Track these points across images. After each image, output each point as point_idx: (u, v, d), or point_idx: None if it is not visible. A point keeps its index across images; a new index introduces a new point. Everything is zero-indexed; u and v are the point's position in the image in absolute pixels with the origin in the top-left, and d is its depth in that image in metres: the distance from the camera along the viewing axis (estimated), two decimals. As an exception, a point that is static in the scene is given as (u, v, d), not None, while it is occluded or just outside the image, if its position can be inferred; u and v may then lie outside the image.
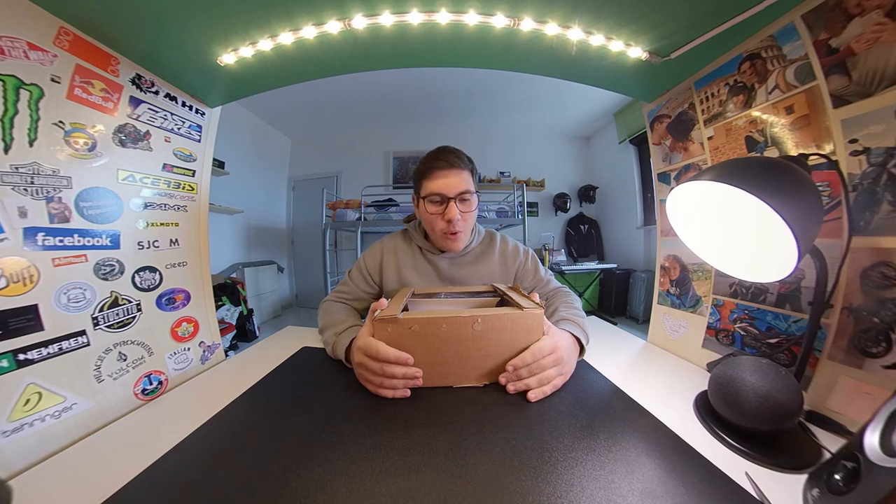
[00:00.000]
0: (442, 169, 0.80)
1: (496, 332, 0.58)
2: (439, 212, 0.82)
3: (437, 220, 0.83)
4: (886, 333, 0.46)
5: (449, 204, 0.80)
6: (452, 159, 0.80)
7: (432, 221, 0.84)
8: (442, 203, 0.81)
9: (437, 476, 0.40)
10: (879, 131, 0.47)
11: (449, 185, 0.80)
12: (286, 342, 0.89)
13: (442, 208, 0.81)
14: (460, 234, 0.84)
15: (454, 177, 0.80)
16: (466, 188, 0.81)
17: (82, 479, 0.42)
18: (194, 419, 0.53)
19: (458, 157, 0.82)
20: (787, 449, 0.44)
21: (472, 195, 0.83)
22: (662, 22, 0.63)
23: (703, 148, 0.77)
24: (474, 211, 0.85)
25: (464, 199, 0.81)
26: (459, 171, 0.80)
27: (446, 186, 0.80)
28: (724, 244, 0.55)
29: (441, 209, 0.81)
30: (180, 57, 0.68)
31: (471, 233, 0.92)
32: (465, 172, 0.81)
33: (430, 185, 0.81)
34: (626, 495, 0.37)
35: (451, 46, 0.74)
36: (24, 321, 0.50)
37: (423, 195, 0.83)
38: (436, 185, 0.80)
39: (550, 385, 0.58)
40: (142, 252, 0.69)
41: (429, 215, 0.83)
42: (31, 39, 0.51)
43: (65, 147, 0.56)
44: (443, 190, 0.80)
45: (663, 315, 0.90)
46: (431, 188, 0.81)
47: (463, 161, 0.82)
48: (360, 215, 3.35)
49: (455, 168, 0.80)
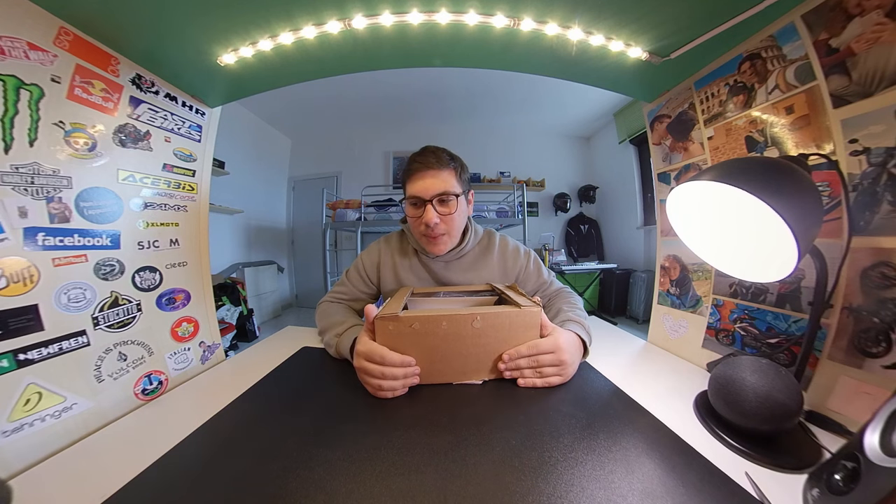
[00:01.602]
0: (418, 171, 0.77)
1: (495, 329, 0.59)
2: (418, 215, 0.79)
3: (416, 223, 0.80)
4: (886, 333, 0.46)
5: (426, 207, 0.77)
6: (430, 159, 0.76)
7: (413, 224, 0.83)
8: (420, 206, 0.78)
9: (437, 476, 0.40)
10: (879, 131, 0.47)
11: (425, 187, 0.76)
12: (286, 342, 0.89)
13: (420, 211, 0.78)
14: (441, 238, 0.81)
15: (430, 178, 0.76)
16: (445, 189, 0.76)
17: (82, 479, 0.42)
18: (194, 419, 0.53)
19: (436, 156, 0.77)
20: (787, 449, 0.44)
21: (456, 196, 0.78)
22: (662, 22, 0.63)
23: (703, 148, 0.77)
24: (458, 213, 0.80)
25: (443, 201, 0.77)
26: (437, 172, 0.76)
27: (422, 189, 0.76)
28: (724, 244, 0.55)
29: (419, 212, 0.78)
30: (180, 57, 0.68)
31: (460, 235, 0.88)
32: (444, 172, 0.77)
33: (409, 187, 0.79)
34: (626, 495, 0.37)
35: (451, 46, 0.74)
36: (24, 321, 0.50)
37: (406, 197, 0.82)
38: (413, 188, 0.78)
39: (543, 379, 0.59)
40: (142, 252, 0.69)
41: (410, 217, 0.82)
42: (32, 39, 0.51)
43: (65, 147, 0.56)
44: (419, 192, 0.77)
45: (663, 315, 0.90)
46: (410, 190, 0.79)
47: (442, 160, 0.77)
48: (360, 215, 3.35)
49: (432, 169, 0.76)
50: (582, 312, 0.79)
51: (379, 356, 0.56)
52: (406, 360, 0.56)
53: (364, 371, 0.58)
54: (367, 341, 0.58)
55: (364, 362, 0.58)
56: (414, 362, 0.57)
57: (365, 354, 0.58)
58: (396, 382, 0.57)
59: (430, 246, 0.84)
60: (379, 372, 0.56)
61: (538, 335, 0.62)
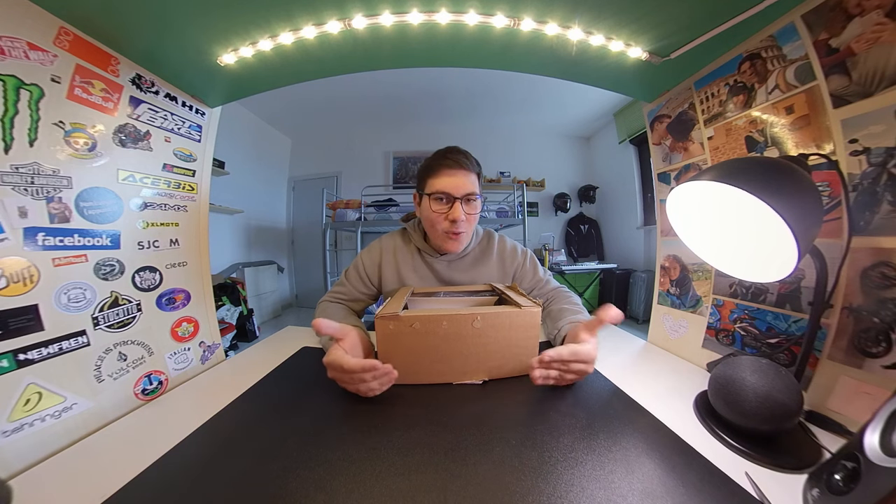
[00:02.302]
0: (451, 168, 0.79)
1: (495, 329, 0.59)
2: (443, 210, 0.80)
3: (440, 219, 0.81)
4: (886, 333, 0.46)
5: (455, 204, 0.79)
6: (462, 160, 0.80)
7: (435, 220, 0.82)
8: (447, 202, 0.80)
9: (437, 476, 0.40)
10: (879, 131, 0.47)
11: (456, 184, 0.79)
12: (286, 342, 0.89)
13: (447, 207, 0.80)
14: (462, 236, 0.84)
15: (462, 177, 0.80)
16: (473, 190, 0.81)
17: (82, 479, 0.42)
18: (194, 419, 0.53)
19: (467, 158, 0.82)
20: (787, 449, 0.44)
21: (478, 198, 0.83)
22: (662, 22, 0.63)
23: (703, 148, 0.77)
24: (477, 214, 0.85)
25: (469, 201, 0.81)
26: (468, 173, 0.80)
27: (453, 186, 0.79)
28: (724, 244, 0.55)
29: (446, 208, 0.80)
30: (180, 57, 0.68)
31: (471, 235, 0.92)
32: (472, 175, 0.82)
33: (437, 182, 0.80)
34: (626, 495, 0.37)
35: (451, 46, 0.74)
36: (24, 321, 0.50)
37: (427, 192, 0.82)
38: (442, 184, 0.79)
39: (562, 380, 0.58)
40: (142, 252, 0.69)
41: (431, 213, 0.82)
42: (32, 39, 0.51)
43: (65, 147, 0.56)
44: (449, 189, 0.79)
45: (663, 315, 0.90)
46: (438, 186, 0.80)
47: (472, 163, 0.82)
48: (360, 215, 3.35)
49: (464, 169, 0.80)
50: (587, 314, 0.79)
51: (338, 365, 0.55)
52: (366, 366, 0.54)
53: (335, 379, 0.57)
54: (332, 351, 0.57)
55: (331, 372, 0.57)
56: (378, 364, 0.54)
57: (328, 365, 0.57)
58: (373, 384, 0.55)
59: (450, 244, 0.85)
60: (347, 378, 0.55)
61: (538, 335, 0.62)
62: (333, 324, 0.58)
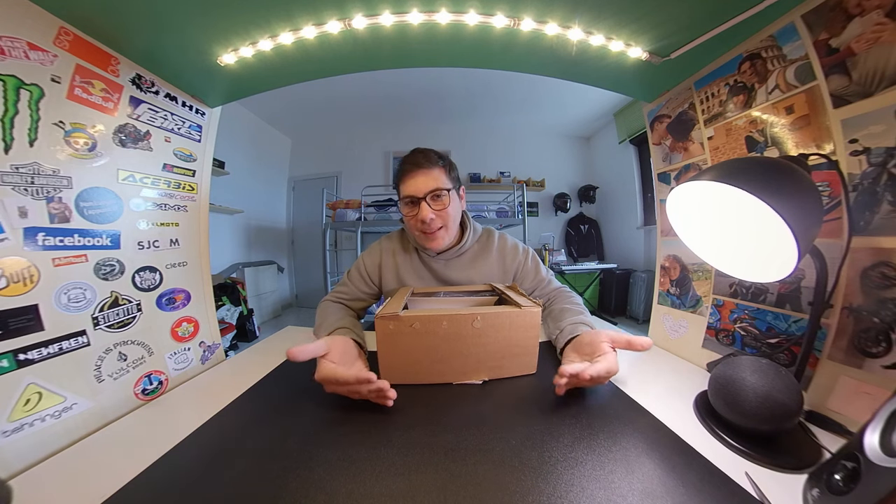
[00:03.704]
0: (409, 171, 0.81)
1: (495, 329, 0.59)
2: (413, 213, 0.82)
3: (414, 221, 0.83)
4: (886, 333, 0.46)
5: (420, 204, 0.80)
6: (419, 159, 0.81)
7: (409, 223, 0.86)
8: (415, 204, 0.82)
9: (437, 476, 0.40)
10: (879, 131, 0.47)
11: (417, 185, 0.80)
12: (286, 342, 0.89)
13: (415, 209, 0.82)
14: (438, 233, 0.84)
15: (422, 176, 0.80)
16: (437, 185, 0.80)
17: (82, 479, 0.42)
18: (194, 419, 0.53)
19: (425, 156, 0.82)
20: (787, 449, 0.44)
21: (447, 192, 0.82)
22: (662, 22, 0.63)
23: (703, 148, 0.77)
24: (451, 207, 0.83)
25: (436, 197, 0.81)
26: (428, 171, 0.80)
27: (414, 188, 0.80)
28: (724, 244, 0.55)
29: (415, 210, 0.82)
30: (180, 57, 0.68)
31: (457, 230, 0.91)
32: (434, 170, 0.81)
33: (403, 188, 0.83)
34: (626, 495, 0.37)
35: (451, 46, 0.74)
36: (24, 321, 0.50)
37: (399, 198, 0.85)
38: (405, 188, 0.82)
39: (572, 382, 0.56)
40: (142, 252, 0.69)
41: (406, 217, 0.85)
42: (32, 39, 0.51)
43: (65, 147, 0.56)
44: (411, 191, 0.81)
45: (663, 315, 0.90)
46: (403, 191, 0.83)
47: (431, 159, 0.81)
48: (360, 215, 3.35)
49: (422, 168, 0.80)
50: (588, 315, 0.79)
51: (333, 379, 0.54)
52: (361, 378, 0.53)
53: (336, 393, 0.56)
54: (322, 367, 0.55)
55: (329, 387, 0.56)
56: (373, 377, 0.53)
57: (322, 381, 0.55)
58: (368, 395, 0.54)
59: (429, 242, 0.86)
60: (344, 390, 0.55)
61: (538, 335, 0.62)
62: (308, 346, 0.54)
